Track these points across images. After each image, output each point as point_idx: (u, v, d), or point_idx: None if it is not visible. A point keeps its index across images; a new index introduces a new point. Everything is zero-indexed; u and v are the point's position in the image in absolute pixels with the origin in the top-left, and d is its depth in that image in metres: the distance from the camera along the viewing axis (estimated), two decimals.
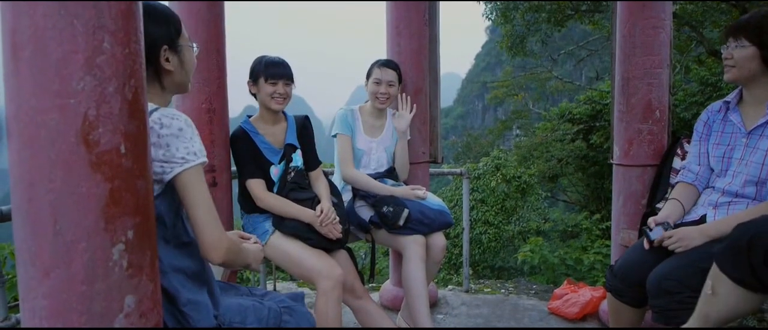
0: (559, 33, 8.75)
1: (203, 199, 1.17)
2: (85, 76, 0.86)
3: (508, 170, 8.64)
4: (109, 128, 0.89)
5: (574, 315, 2.80)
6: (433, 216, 2.40)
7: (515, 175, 8.63)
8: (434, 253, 2.41)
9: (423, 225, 2.37)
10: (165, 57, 1.24)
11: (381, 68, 2.58)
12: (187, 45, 1.32)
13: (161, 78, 1.27)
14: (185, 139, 1.16)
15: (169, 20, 1.26)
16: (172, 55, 1.26)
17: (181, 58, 1.29)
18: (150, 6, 1.23)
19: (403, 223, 2.31)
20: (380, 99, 2.60)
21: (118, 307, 0.92)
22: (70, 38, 0.84)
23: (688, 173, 2.08)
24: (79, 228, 0.87)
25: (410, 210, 2.33)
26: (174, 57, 1.27)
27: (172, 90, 1.33)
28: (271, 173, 2.20)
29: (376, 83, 2.58)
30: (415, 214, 2.34)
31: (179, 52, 1.28)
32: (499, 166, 8.74)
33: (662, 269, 1.78)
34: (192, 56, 1.36)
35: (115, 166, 0.90)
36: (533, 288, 3.95)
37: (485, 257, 8.64)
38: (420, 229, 2.36)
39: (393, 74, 2.59)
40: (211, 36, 2.09)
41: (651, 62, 2.46)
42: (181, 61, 1.29)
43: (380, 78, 2.57)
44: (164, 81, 1.27)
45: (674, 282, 1.70)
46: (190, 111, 2.09)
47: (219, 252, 1.20)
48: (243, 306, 1.34)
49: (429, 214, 2.39)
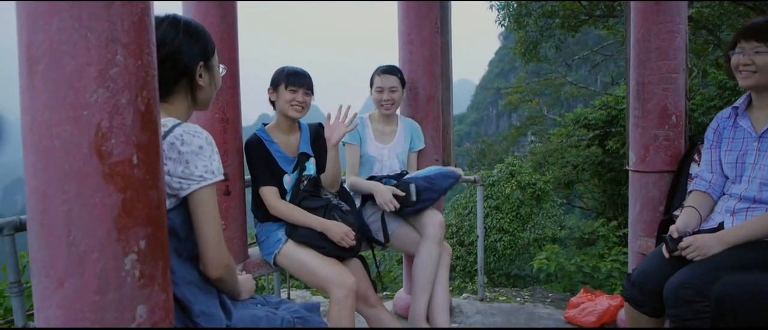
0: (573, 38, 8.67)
1: (213, 216, 1.19)
2: (98, 88, 0.87)
3: (523, 177, 8.55)
4: (122, 139, 0.90)
5: (591, 324, 2.76)
6: (438, 179, 2.45)
7: (530, 181, 8.54)
8: (432, 230, 2.39)
9: (433, 191, 2.41)
10: (199, 73, 1.29)
11: (381, 75, 2.61)
12: (217, 64, 1.39)
13: (195, 93, 1.32)
14: (204, 157, 1.18)
15: (207, 38, 1.33)
16: (206, 72, 1.32)
17: (211, 76, 1.36)
18: (190, 24, 1.28)
19: (416, 196, 2.35)
20: (384, 106, 2.61)
21: (130, 317, 0.92)
22: (83, 51, 0.86)
23: (702, 181, 2.04)
24: (92, 238, 0.88)
25: (414, 183, 2.38)
26: (207, 74, 1.33)
27: (199, 106, 1.38)
28: (284, 182, 2.21)
29: (378, 91, 2.61)
30: (420, 183, 2.39)
31: (211, 69, 1.35)
32: (513, 173, 8.66)
33: (679, 278, 1.74)
34: (219, 75, 1.42)
35: (128, 177, 0.91)
36: (549, 296, 3.90)
37: (500, 265, 8.55)
38: (432, 196, 2.40)
39: (394, 79, 2.61)
40: (224, 46, 2.11)
41: (667, 67, 2.42)
42: (211, 79, 1.36)
43: (382, 85, 2.59)
44: (198, 96, 1.33)
45: (691, 291, 1.66)
46: (204, 121, 2.11)
47: (219, 269, 1.23)
48: (256, 316, 1.34)
49: (433, 178, 2.44)
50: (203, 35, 1.32)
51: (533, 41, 8.53)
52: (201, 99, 1.36)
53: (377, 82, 2.61)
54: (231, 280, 1.31)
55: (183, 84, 1.30)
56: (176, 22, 1.27)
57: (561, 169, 9.81)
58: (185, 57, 1.27)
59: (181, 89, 1.30)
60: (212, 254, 1.20)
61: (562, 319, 2.95)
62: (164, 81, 1.27)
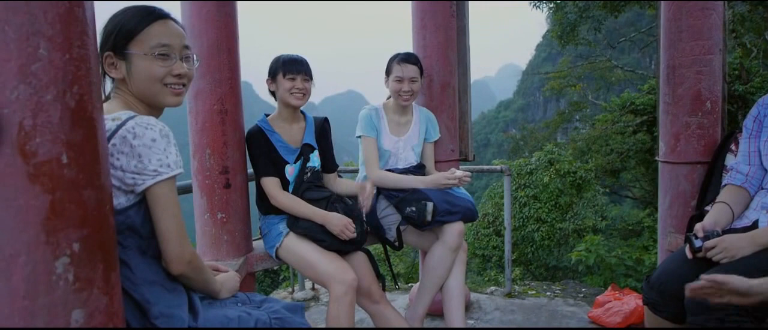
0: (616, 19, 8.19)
1: (171, 211, 1.14)
2: (18, 84, 0.82)
3: (563, 165, 8.23)
4: (48, 138, 0.85)
5: (616, 325, 2.59)
6: (460, 204, 2.29)
7: (570, 170, 8.21)
8: (449, 237, 2.25)
9: (451, 214, 2.25)
10: (112, 63, 1.22)
11: (401, 64, 2.46)
12: (143, 54, 1.21)
13: (120, 85, 1.24)
14: (158, 151, 1.12)
15: (111, 28, 1.20)
16: (123, 61, 1.22)
17: (134, 65, 1.22)
18: (114, 13, 1.21)
19: (431, 217, 2.20)
20: (403, 97, 2.48)
21: (64, 322, 0.88)
22: (1, 45, 0.81)
23: (738, 175, 1.84)
24: (18, 241, 0.84)
25: (434, 201, 2.22)
26: (125, 63, 1.22)
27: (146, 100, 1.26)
28: (287, 172, 2.16)
29: (397, 81, 2.45)
30: (440, 204, 2.22)
31: (129, 58, 1.21)
32: (552, 161, 8.35)
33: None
34: (152, 66, 1.22)
35: (56, 177, 0.86)
36: (582, 291, 3.73)
37: (538, 256, 8.31)
38: (450, 218, 2.25)
39: (414, 69, 2.46)
40: (222, 36, 2.07)
41: (700, 48, 2.20)
42: (133, 68, 1.22)
43: (402, 75, 2.44)
44: (129, 88, 1.24)
45: None
46: (202, 112, 2.08)
47: (180, 265, 1.17)
48: (227, 317, 1.30)
49: (456, 202, 2.28)
50: (111, 23, 1.21)
51: (571, 23, 8.10)
52: (135, 91, 1.24)
53: (396, 71, 2.46)
54: (197, 276, 1.26)
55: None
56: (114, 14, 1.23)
57: (604, 157, 9.37)
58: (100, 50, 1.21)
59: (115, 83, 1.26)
60: (172, 250, 1.16)
61: (585, 318, 2.79)
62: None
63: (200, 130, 2.10)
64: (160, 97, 1.26)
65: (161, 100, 1.26)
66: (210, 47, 2.05)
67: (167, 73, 1.24)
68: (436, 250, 2.27)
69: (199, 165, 2.12)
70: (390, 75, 2.49)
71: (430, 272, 2.28)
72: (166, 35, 1.24)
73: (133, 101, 1.25)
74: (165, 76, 1.24)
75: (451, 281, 2.29)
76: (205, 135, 2.10)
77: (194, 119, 2.11)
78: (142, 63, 1.21)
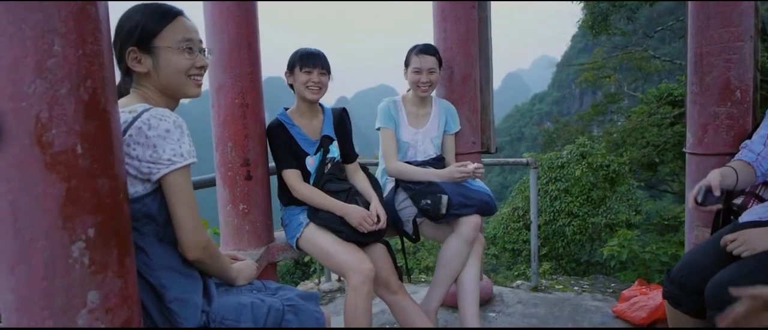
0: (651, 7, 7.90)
1: (186, 198, 1.19)
2: (35, 79, 0.88)
3: (595, 158, 8.03)
4: (63, 129, 0.90)
5: (640, 320, 2.54)
6: (476, 197, 2.27)
7: (603, 163, 8.00)
8: (465, 230, 2.24)
9: (466, 207, 2.24)
10: (136, 58, 1.27)
11: (420, 55, 2.46)
12: (178, 44, 1.28)
13: (142, 79, 1.30)
14: (172, 141, 1.17)
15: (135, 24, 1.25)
16: (147, 56, 1.27)
17: (159, 59, 1.28)
18: (129, 10, 1.26)
19: (446, 210, 2.20)
20: (422, 88, 2.48)
21: (80, 303, 0.94)
22: (19, 43, 0.87)
23: (749, 153, 1.77)
24: (37, 227, 0.90)
25: (449, 194, 2.21)
26: (150, 58, 1.28)
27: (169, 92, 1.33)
28: (307, 164, 2.20)
29: (416, 72, 2.46)
30: (455, 197, 2.22)
31: (155, 52, 1.27)
32: (584, 154, 8.16)
33: (723, 276, 1.54)
34: (179, 56, 1.29)
35: (72, 166, 0.92)
36: (612, 286, 3.65)
37: (570, 250, 8.14)
38: (465, 211, 2.24)
39: (433, 60, 2.46)
40: (242, 32, 2.12)
41: (730, 34, 2.12)
42: (159, 62, 1.28)
43: (420, 66, 2.45)
44: (153, 82, 1.30)
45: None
46: (224, 106, 2.14)
47: (195, 251, 1.22)
48: (241, 304, 1.34)
49: (472, 195, 2.27)
50: (134, 20, 1.27)
51: (603, 13, 7.86)
52: (160, 85, 1.30)
53: (415, 62, 2.46)
54: (212, 263, 1.31)
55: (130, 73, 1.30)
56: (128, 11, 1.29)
57: (640, 150, 9.09)
58: (117, 46, 1.27)
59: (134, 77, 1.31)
60: (187, 237, 1.21)
61: (610, 313, 2.74)
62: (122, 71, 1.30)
63: (222, 124, 2.16)
64: (185, 88, 1.33)
65: (186, 91, 1.34)
66: (231, 43, 2.11)
67: (191, 66, 1.32)
68: (451, 243, 2.27)
69: (222, 157, 2.18)
70: (408, 66, 2.50)
71: (445, 265, 2.28)
72: (188, 30, 1.32)
73: (152, 95, 1.30)
74: (190, 68, 1.32)
75: (465, 274, 2.29)
76: (227, 128, 2.15)
77: (216, 113, 2.17)
78: (170, 56, 1.28)
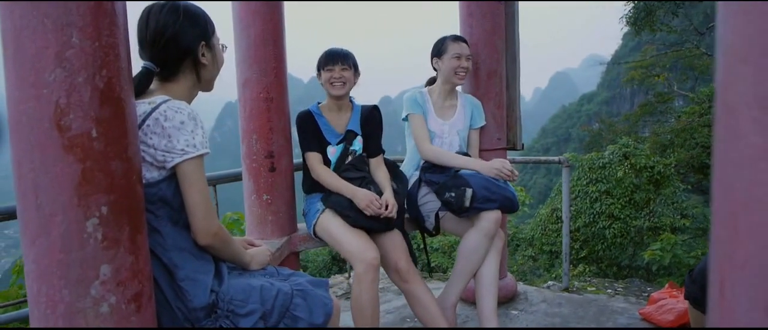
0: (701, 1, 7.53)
1: (198, 186, 1.27)
2: (55, 68, 0.96)
3: (639, 159, 7.75)
4: (80, 114, 0.99)
5: (667, 323, 2.46)
6: (500, 192, 2.26)
7: (647, 164, 7.71)
8: (486, 224, 2.23)
9: (489, 201, 2.23)
10: (202, 53, 1.40)
11: (457, 42, 2.49)
12: (219, 43, 1.48)
13: (199, 72, 1.42)
14: (186, 132, 1.25)
15: (206, 20, 1.42)
16: (208, 51, 1.42)
17: (214, 55, 1.45)
18: (189, 8, 1.38)
19: (470, 203, 2.20)
20: (460, 74, 2.49)
21: (93, 275, 1.02)
22: (41, 35, 0.95)
23: None
24: (55, 203, 0.99)
25: (474, 187, 2.22)
26: (209, 53, 1.43)
27: (204, 85, 1.47)
28: (328, 152, 2.26)
29: (456, 58, 2.47)
30: (480, 191, 2.21)
31: (213, 48, 1.44)
32: (627, 155, 7.89)
33: None
34: (221, 54, 1.50)
35: (87, 149, 1.00)
36: (647, 290, 3.55)
37: (610, 253, 7.90)
38: (487, 206, 2.23)
39: (467, 47, 2.52)
40: (268, 28, 2.19)
41: None
42: (214, 57, 1.45)
43: (460, 52, 2.47)
44: (202, 75, 1.43)
45: None
46: (250, 100, 2.23)
47: (206, 237, 1.30)
48: (251, 286, 1.40)
49: (496, 190, 2.25)
50: (203, 17, 1.40)
51: (647, 8, 7.53)
52: (205, 77, 1.45)
53: (454, 48, 2.47)
54: (224, 248, 1.38)
55: (187, 64, 1.39)
56: (175, 8, 1.36)
57: (688, 151, 8.70)
58: (187, 39, 1.36)
59: (186, 69, 1.40)
60: (198, 223, 1.28)
61: (637, 315, 2.67)
62: (168, 63, 1.37)
63: (248, 117, 2.25)
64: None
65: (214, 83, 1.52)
66: (256, 39, 2.19)
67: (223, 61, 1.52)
68: (471, 236, 2.27)
69: (247, 149, 2.27)
70: (445, 53, 2.49)
71: (464, 258, 2.29)
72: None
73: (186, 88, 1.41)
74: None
75: (484, 269, 2.28)
76: (252, 121, 2.24)
77: (242, 107, 2.26)
78: (219, 52, 1.48)
